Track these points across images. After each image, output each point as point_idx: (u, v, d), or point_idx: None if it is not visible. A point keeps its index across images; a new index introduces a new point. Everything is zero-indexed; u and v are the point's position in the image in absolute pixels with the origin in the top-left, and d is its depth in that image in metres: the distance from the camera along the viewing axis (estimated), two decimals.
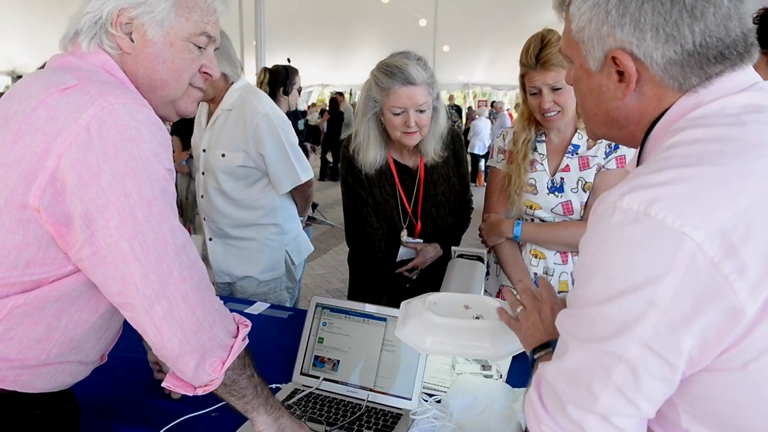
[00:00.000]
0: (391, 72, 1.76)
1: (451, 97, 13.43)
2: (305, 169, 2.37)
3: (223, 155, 2.23)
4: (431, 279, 1.99)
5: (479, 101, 14.30)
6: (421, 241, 2.01)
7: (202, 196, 2.37)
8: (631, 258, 0.64)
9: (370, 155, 1.90)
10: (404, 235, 2.00)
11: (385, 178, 1.99)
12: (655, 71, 0.74)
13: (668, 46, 0.72)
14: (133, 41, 1.03)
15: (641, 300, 0.64)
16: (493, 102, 14.37)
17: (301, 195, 2.50)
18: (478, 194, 2.15)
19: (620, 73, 0.76)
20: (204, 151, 2.30)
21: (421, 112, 1.80)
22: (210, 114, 2.31)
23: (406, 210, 1.99)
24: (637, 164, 0.80)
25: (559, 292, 1.87)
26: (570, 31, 0.81)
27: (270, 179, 2.30)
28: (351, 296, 2.21)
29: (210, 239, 2.42)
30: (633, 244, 0.64)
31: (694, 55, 0.72)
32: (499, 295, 2.02)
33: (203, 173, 2.33)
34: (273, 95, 3.60)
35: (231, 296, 2.46)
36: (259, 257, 2.38)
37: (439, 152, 1.96)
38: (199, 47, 1.08)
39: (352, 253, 2.15)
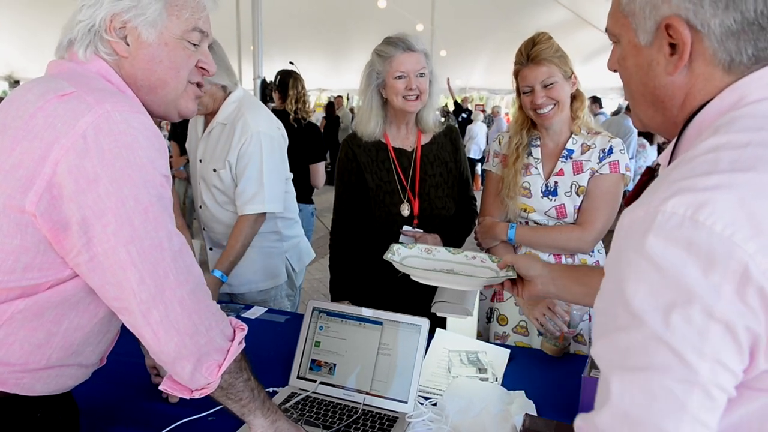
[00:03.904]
0: (392, 42, 1.96)
1: (465, 99, 13.37)
2: (273, 200, 2.19)
3: (214, 170, 2.18)
4: None
5: (476, 105, 14.32)
6: (421, 231, 2.03)
7: (200, 207, 2.32)
8: (681, 267, 0.58)
9: (371, 125, 2.03)
10: (404, 210, 2.03)
11: (380, 163, 2.05)
12: (710, 43, 0.69)
13: (728, 13, 0.67)
14: (128, 45, 1.04)
15: (700, 313, 0.58)
16: (492, 107, 14.39)
17: (251, 225, 2.19)
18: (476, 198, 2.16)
19: (672, 46, 0.72)
20: (200, 161, 2.26)
21: (421, 76, 1.95)
22: (206, 123, 2.26)
23: (404, 187, 2.04)
24: (671, 155, 0.76)
25: None
26: (619, 4, 0.77)
27: (235, 194, 2.18)
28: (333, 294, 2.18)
29: (210, 249, 2.39)
30: (681, 251, 0.59)
31: (754, 25, 0.67)
32: (494, 299, 2.04)
33: (200, 183, 2.29)
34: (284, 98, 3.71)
35: (230, 301, 2.45)
36: (258, 265, 2.35)
37: (436, 123, 2.10)
38: (194, 44, 1.10)
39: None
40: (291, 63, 4.34)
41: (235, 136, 2.12)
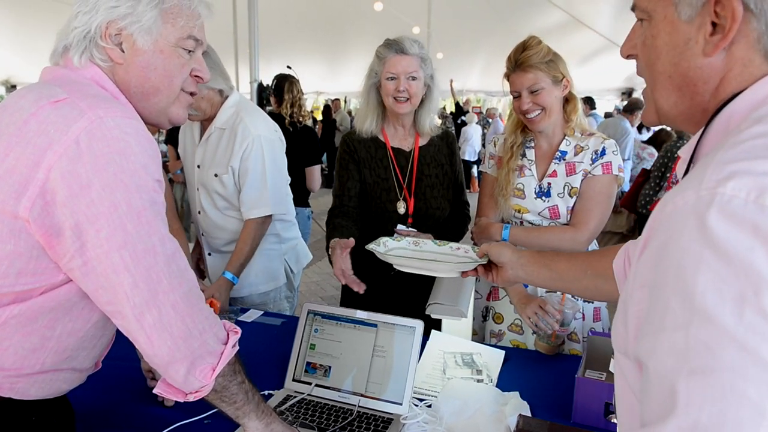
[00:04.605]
0: (388, 44, 2.00)
1: (467, 102, 13.36)
2: (277, 202, 2.23)
3: (216, 175, 2.18)
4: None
5: (473, 107, 14.33)
6: (415, 230, 2.04)
7: (199, 212, 2.31)
8: (748, 253, 0.53)
9: (367, 122, 2.06)
10: (400, 207, 2.04)
11: (378, 160, 2.07)
12: (757, 25, 0.65)
13: None
14: (123, 51, 1.05)
15: None
16: (487, 109, 14.40)
17: (258, 228, 2.22)
18: (472, 200, 2.17)
19: (713, 26, 0.68)
20: (198, 167, 2.25)
21: (413, 79, 1.97)
22: (203, 129, 2.25)
23: (401, 185, 2.06)
24: (695, 147, 0.72)
25: (547, 292, 1.90)
26: None
27: (239, 199, 2.20)
28: (344, 303, 2.22)
29: (209, 254, 2.37)
30: (747, 236, 0.53)
31: None
32: (490, 297, 2.05)
33: (198, 189, 2.27)
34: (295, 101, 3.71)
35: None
36: (258, 268, 2.34)
37: (433, 127, 2.13)
38: (189, 51, 1.11)
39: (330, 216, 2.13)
40: (288, 67, 4.35)
41: (236, 141, 2.13)
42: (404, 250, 1.62)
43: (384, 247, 1.59)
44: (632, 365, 0.67)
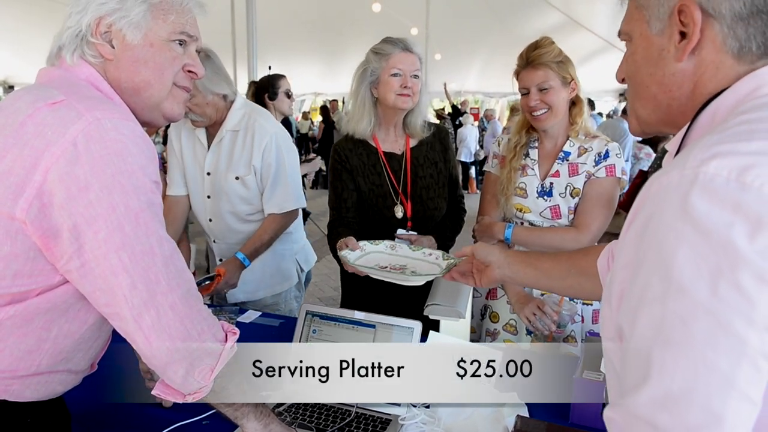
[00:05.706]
0: (391, 41, 1.99)
1: (464, 103, 13.36)
2: (299, 196, 2.29)
3: (236, 178, 2.16)
4: None
5: (470, 108, 14.34)
6: (415, 233, 2.04)
7: (210, 220, 2.27)
8: (727, 229, 0.55)
9: (363, 123, 2.04)
10: (398, 212, 2.04)
11: (371, 167, 2.06)
12: (720, 28, 0.70)
13: None
14: (113, 47, 1.05)
15: (751, 278, 0.54)
16: (486, 110, 14.41)
17: (281, 221, 2.28)
18: (471, 201, 2.17)
19: (682, 35, 0.73)
20: (208, 174, 2.21)
21: (415, 77, 1.97)
22: (209, 135, 2.22)
23: (396, 190, 2.05)
24: (682, 141, 0.74)
25: (542, 294, 1.90)
26: (634, 1, 0.80)
27: (263, 197, 2.23)
28: (344, 305, 2.22)
29: (220, 260, 2.32)
30: (727, 213, 0.55)
31: (763, 13, 0.68)
32: (488, 296, 2.06)
33: (209, 197, 2.23)
34: (261, 104, 3.61)
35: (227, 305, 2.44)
36: (273, 269, 2.34)
37: (424, 129, 2.11)
38: (180, 44, 1.10)
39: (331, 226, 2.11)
40: (269, 68, 4.34)
41: (255, 140, 2.14)
42: (380, 255, 1.69)
43: (359, 252, 1.67)
44: (616, 347, 0.69)
